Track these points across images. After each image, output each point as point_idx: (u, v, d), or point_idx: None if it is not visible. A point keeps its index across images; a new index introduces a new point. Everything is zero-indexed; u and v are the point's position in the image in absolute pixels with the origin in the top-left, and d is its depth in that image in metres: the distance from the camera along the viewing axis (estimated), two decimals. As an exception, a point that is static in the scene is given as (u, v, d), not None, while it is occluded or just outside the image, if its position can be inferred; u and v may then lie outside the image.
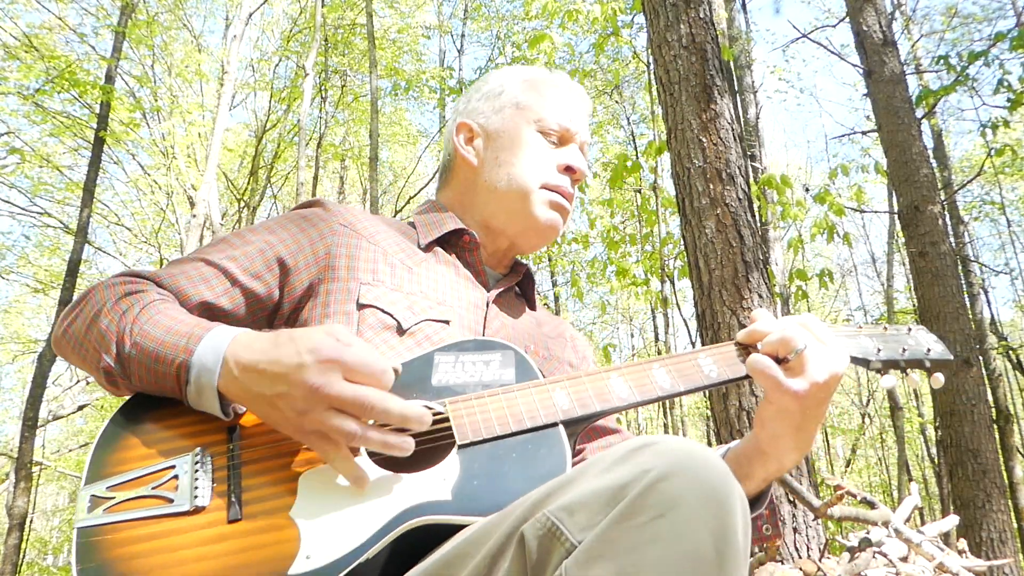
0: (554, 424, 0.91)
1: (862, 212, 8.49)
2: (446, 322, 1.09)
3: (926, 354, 1.11)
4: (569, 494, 0.67)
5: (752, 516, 1.04)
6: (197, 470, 0.85)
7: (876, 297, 17.02)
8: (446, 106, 11.86)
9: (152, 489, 0.84)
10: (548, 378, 0.97)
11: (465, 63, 14.27)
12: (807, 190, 7.08)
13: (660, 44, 3.39)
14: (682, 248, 4.53)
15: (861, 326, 1.12)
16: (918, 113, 6.06)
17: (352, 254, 1.11)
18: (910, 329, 1.14)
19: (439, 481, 0.86)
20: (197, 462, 0.86)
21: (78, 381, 11.49)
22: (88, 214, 7.71)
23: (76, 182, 9.97)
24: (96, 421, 14.28)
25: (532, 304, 1.31)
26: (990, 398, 7.60)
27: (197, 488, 0.83)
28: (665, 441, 0.68)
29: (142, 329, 0.92)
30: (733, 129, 3.21)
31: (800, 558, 2.45)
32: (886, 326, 1.13)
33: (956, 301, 5.43)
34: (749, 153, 7.43)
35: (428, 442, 0.91)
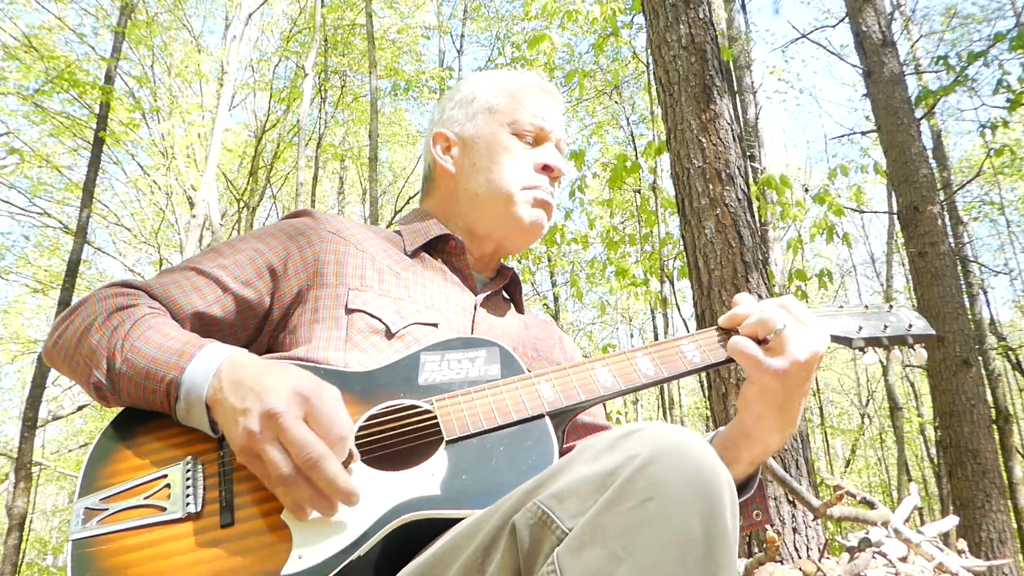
0: (540, 416, 0.92)
1: (861, 212, 8.50)
2: (434, 325, 1.09)
3: (908, 329, 1.10)
4: (558, 482, 0.67)
5: (741, 500, 1.05)
6: (188, 478, 0.86)
7: (875, 297, 17.02)
8: (446, 106, 11.81)
9: (145, 499, 0.84)
10: (534, 372, 0.97)
11: (465, 63, 14.25)
12: (806, 190, 7.09)
13: (660, 44, 3.39)
14: (682, 248, 4.53)
15: (842, 306, 1.12)
16: (917, 113, 6.06)
17: (340, 260, 1.11)
18: (891, 307, 1.13)
19: (428, 477, 0.86)
20: (188, 470, 0.86)
21: (77, 381, 11.46)
22: (88, 214, 7.71)
23: (76, 182, 9.98)
24: (96, 421, 14.28)
25: (519, 307, 1.33)
26: (989, 398, 7.60)
27: (189, 496, 0.84)
28: (652, 427, 0.68)
29: (133, 345, 0.92)
30: (733, 129, 3.21)
31: (800, 558, 2.45)
32: (867, 305, 1.13)
33: (955, 301, 5.43)
34: (749, 153, 7.43)
35: (416, 440, 0.92)
